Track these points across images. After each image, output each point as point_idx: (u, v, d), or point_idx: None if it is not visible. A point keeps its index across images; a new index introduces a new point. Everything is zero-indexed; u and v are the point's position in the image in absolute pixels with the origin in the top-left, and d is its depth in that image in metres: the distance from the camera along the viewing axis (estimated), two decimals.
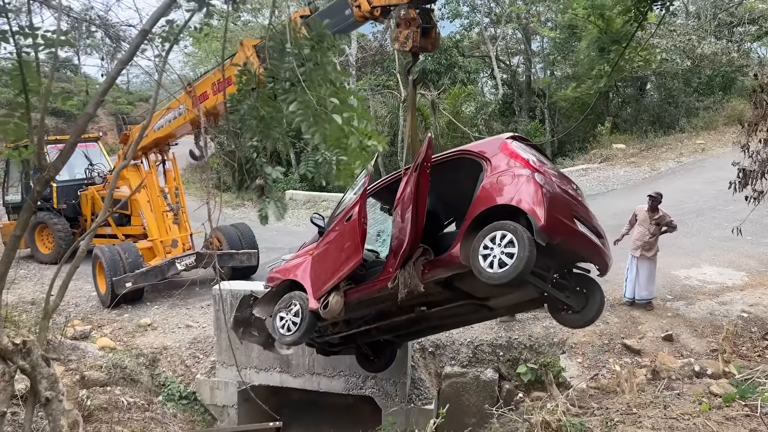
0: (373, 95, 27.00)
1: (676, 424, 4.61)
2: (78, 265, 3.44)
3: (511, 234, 4.94)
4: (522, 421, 4.92)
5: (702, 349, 8.33)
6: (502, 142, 5.72)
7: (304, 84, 3.19)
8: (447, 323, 7.31)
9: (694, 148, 21.42)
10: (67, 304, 11.51)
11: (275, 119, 3.68)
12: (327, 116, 3.19)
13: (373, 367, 8.14)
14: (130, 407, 7.16)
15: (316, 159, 4.20)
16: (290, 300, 6.67)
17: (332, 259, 6.25)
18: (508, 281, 4.92)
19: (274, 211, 4.72)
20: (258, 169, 4.49)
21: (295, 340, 6.61)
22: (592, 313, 5.86)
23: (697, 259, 11.36)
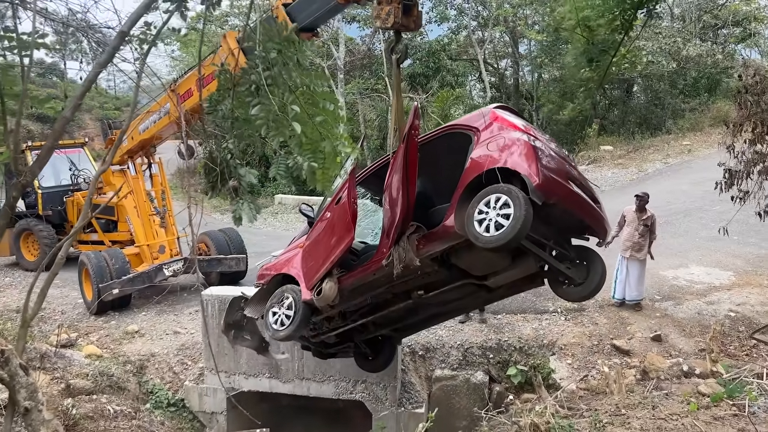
0: (362, 99, 27.00)
1: (664, 424, 4.61)
2: (57, 272, 3.38)
3: (505, 195, 4.90)
4: (511, 424, 4.90)
5: (690, 349, 8.36)
6: (490, 111, 5.73)
7: (269, 88, 3.15)
8: (446, 310, 7.07)
9: (680, 149, 21.59)
10: (53, 311, 11.40)
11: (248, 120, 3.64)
12: (286, 122, 3.15)
13: (373, 366, 7.90)
14: (116, 415, 7.07)
15: (287, 163, 4.15)
16: (282, 294, 6.54)
17: (324, 245, 6.13)
18: (506, 242, 4.83)
19: (248, 212, 4.66)
20: (232, 171, 4.44)
21: (290, 334, 6.41)
22: (594, 283, 5.73)
23: (685, 260, 11.43)
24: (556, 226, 5.55)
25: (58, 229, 14.03)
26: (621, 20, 8.48)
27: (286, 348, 8.66)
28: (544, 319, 9.43)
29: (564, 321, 9.35)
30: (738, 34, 27.41)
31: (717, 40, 27.62)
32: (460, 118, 6.18)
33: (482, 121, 5.60)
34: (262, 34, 3.15)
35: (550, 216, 5.11)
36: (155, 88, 9.83)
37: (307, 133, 3.24)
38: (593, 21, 21.37)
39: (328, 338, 7.24)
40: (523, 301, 10.09)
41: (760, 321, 8.89)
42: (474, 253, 5.44)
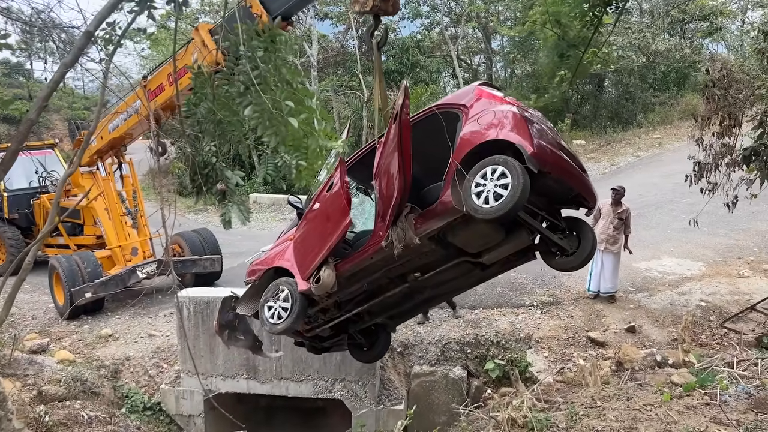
0: (336, 96, 26.89)
1: (638, 415, 4.68)
2: (24, 278, 3.29)
3: (501, 166, 4.98)
4: (489, 418, 4.93)
5: (663, 339, 8.52)
6: (475, 87, 5.82)
7: (259, 87, 3.12)
8: (440, 292, 7.09)
9: (651, 142, 21.95)
10: (23, 317, 11.15)
11: (232, 123, 3.60)
12: (283, 119, 3.13)
13: (369, 356, 7.82)
14: (91, 421, 6.95)
15: (275, 162, 4.13)
16: (277, 287, 6.47)
17: (318, 233, 6.11)
18: (507, 212, 4.91)
19: (238, 215, 4.62)
20: (218, 174, 4.39)
21: (288, 327, 6.33)
22: (586, 252, 5.84)
23: (657, 251, 11.62)
24: (548, 197, 5.68)
25: (25, 233, 13.73)
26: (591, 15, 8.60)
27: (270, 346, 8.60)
28: (520, 313, 9.52)
29: (540, 314, 9.44)
30: (705, 28, 27.90)
31: (685, 35, 28.08)
32: (445, 98, 6.23)
33: (469, 98, 5.69)
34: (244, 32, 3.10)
35: (542, 186, 5.21)
36: (125, 87, 9.68)
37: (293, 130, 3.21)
38: (564, 16, 21.66)
39: (322, 331, 7.16)
40: (500, 296, 10.18)
41: (730, 310, 9.10)
42: (470, 228, 5.52)
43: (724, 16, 27.49)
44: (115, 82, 22.87)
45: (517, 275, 10.99)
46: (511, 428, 4.58)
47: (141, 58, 29.66)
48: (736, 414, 5.04)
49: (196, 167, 4.21)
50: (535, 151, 5.02)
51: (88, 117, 30.68)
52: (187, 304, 8.78)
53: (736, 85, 8.27)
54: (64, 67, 2.93)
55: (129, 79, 5.30)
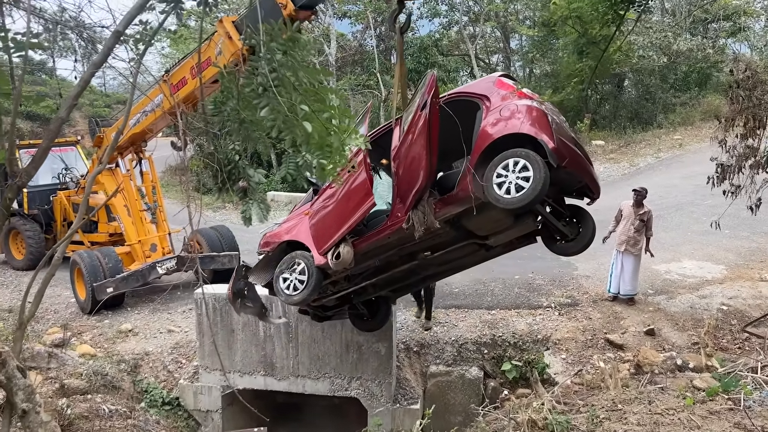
0: (354, 95, 26.92)
1: (661, 419, 4.63)
2: (54, 273, 3.35)
3: (523, 159, 5.17)
4: (508, 420, 4.90)
5: (683, 343, 8.42)
6: (496, 79, 6.00)
7: (276, 89, 3.15)
8: (444, 270, 7.39)
9: (671, 143, 21.69)
10: (46, 311, 11.31)
11: (255, 122, 3.63)
12: (298, 123, 3.15)
13: (369, 326, 8.10)
14: (111, 415, 7.04)
15: (296, 161, 4.15)
16: (293, 260, 6.65)
17: (338, 211, 6.28)
18: (527, 203, 5.14)
19: (257, 212, 4.66)
20: (240, 172, 4.43)
21: (304, 298, 6.58)
22: (586, 238, 6.16)
23: (677, 254, 11.50)
24: (557, 186, 5.86)
25: (45, 229, 13.91)
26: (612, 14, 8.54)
27: (281, 343, 8.67)
28: (537, 315, 9.47)
29: (558, 316, 9.39)
30: (728, 28, 27.50)
31: (707, 35, 27.70)
32: (465, 86, 6.38)
33: (490, 89, 5.85)
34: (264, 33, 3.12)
35: (556, 178, 5.38)
36: (147, 83, 9.77)
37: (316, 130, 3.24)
38: (586, 14, 21.46)
39: (328, 302, 7.42)
40: (517, 297, 10.14)
41: (752, 314, 8.97)
42: (484, 214, 5.72)
43: (748, 16, 27.08)
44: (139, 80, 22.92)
45: (535, 276, 10.95)
46: (531, 430, 4.55)
47: (162, 56, 29.92)
48: (761, 420, 4.96)
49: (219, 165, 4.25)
50: (555, 146, 5.21)
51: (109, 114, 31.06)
52: (206, 301, 8.86)
53: (761, 86, 8.16)
54: (93, 66, 2.97)
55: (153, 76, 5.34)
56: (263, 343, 8.74)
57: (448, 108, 5.94)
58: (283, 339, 8.67)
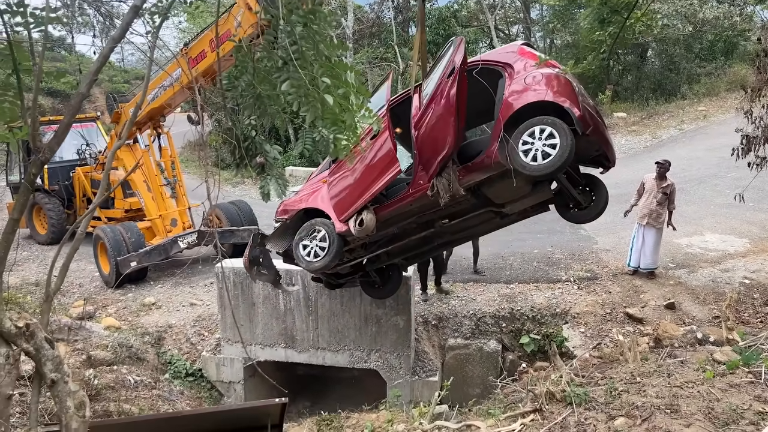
0: (371, 68, 26.71)
1: (680, 392, 4.62)
2: (77, 247, 3.41)
3: (550, 127, 5.20)
4: (526, 392, 4.93)
5: (704, 316, 8.36)
6: (518, 47, 6.02)
7: (297, 62, 3.13)
8: (458, 238, 7.49)
9: (695, 115, 21.25)
10: (71, 284, 11.57)
11: (272, 97, 3.62)
12: (319, 96, 3.14)
13: (381, 293, 8.18)
14: (137, 385, 7.22)
15: (313, 137, 4.15)
16: (312, 227, 6.71)
17: (359, 178, 6.31)
18: (554, 170, 5.23)
19: (276, 188, 4.68)
20: (257, 147, 4.45)
21: (325, 264, 6.65)
22: (600, 206, 6.29)
23: (699, 227, 11.36)
24: (576, 155, 5.84)
25: (65, 204, 14.13)
26: None
27: (301, 316, 8.78)
28: (556, 288, 9.45)
29: (577, 290, 9.36)
30: None
31: (734, 2, 26.87)
32: (486, 54, 6.33)
33: (513, 57, 5.84)
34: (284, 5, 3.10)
35: (579, 146, 5.39)
36: (165, 59, 9.77)
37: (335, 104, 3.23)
38: None
39: (342, 269, 7.48)
40: (536, 271, 10.12)
41: None
42: (504, 182, 5.81)
43: None
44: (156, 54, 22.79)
45: (554, 250, 10.91)
46: (549, 402, 4.58)
47: (179, 31, 29.86)
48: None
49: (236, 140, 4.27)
50: (581, 114, 5.23)
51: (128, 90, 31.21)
52: (227, 275, 8.98)
53: None
54: (112, 41, 2.98)
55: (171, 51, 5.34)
56: (284, 316, 8.86)
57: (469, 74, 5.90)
58: (303, 312, 8.77)
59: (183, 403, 7.55)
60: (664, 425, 4.19)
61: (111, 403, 6.18)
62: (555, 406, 4.56)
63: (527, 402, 4.70)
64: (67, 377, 2.85)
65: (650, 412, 4.42)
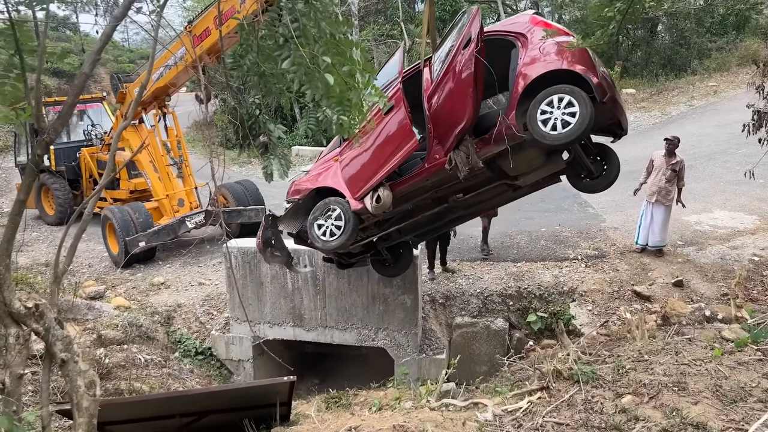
0: (377, 45, 26.43)
1: (688, 369, 4.62)
2: (85, 228, 3.42)
3: (568, 95, 5.20)
4: (533, 370, 4.95)
5: (712, 294, 8.33)
6: (530, 17, 6.01)
7: (298, 40, 3.08)
8: (471, 212, 7.50)
9: (706, 90, 20.96)
10: (80, 264, 11.66)
11: (276, 75, 3.58)
12: (320, 75, 3.09)
13: (392, 271, 8.19)
14: (147, 364, 7.30)
15: (316, 116, 4.10)
16: (326, 206, 6.67)
17: (374, 154, 6.28)
18: (575, 138, 5.27)
19: (278, 168, 4.66)
20: (261, 126, 4.42)
21: (342, 243, 6.63)
22: (612, 175, 6.36)
23: (709, 204, 11.27)
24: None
25: (72, 185, 14.18)
26: None
27: (309, 295, 8.83)
28: (564, 267, 9.43)
29: (584, 268, 9.34)
30: None
31: None
32: (498, 24, 6.32)
33: (525, 27, 5.80)
34: None
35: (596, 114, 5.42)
36: (169, 37, 9.70)
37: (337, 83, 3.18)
38: None
39: (354, 248, 7.45)
40: (543, 249, 10.10)
41: None
42: (521, 153, 5.88)
43: None
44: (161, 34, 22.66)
45: (562, 228, 10.87)
46: (556, 380, 4.59)
47: (183, 9, 29.65)
48: None
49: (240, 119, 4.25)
50: (599, 81, 5.22)
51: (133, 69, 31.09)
52: (235, 254, 9.01)
53: None
54: (114, 20, 2.95)
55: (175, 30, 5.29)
56: (291, 295, 8.90)
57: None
58: (310, 291, 8.81)
59: (193, 381, 7.65)
60: (672, 403, 4.20)
61: (122, 382, 6.26)
62: (562, 383, 4.57)
63: (534, 380, 4.72)
64: (77, 357, 2.88)
65: (658, 389, 4.43)
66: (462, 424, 4.21)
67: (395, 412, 4.87)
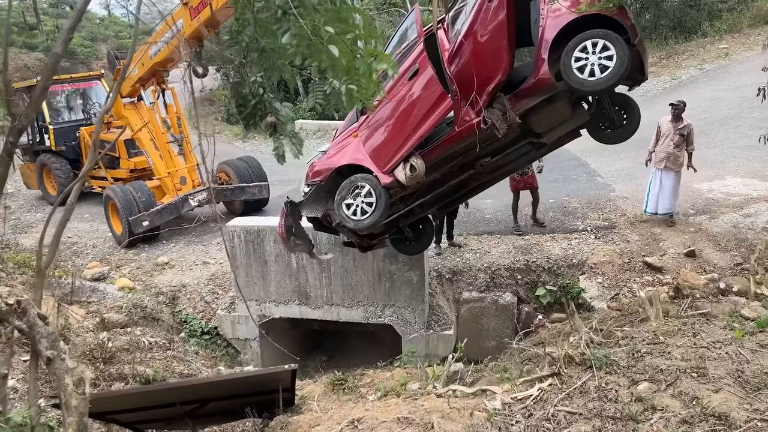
0: (379, 14, 25.89)
1: (707, 353, 4.44)
2: (68, 218, 3.27)
3: (602, 39, 5.16)
4: (544, 355, 4.79)
5: (726, 264, 8.14)
6: None
7: (297, 11, 2.86)
8: (494, 177, 7.32)
9: (717, 53, 20.42)
10: (85, 245, 11.60)
11: (277, 50, 3.37)
12: (323, 47, 2.88)
13: (414, 249, 8.01)
14: (151, 347, 7.24)
15: (324, 90, 3.89)
16: (353, 184, 6.42)
17: (400, 123, 6.10)
18: (615, 83, 5.25)
19: (291, 148, 4.48)
20: (267, 107, 4.23)
21: (375, 221, 6.45)
22: (634, 125, 6.35)
23: (721, 171, 11.00)
24: None
25: (73, 164, 14.04)
26: None
27: (314, 273, 8.72)
28: (573, 239, 9.25)
29: (594, 239, 9.16)
30: None
31: None
32: None
33: None
34: None
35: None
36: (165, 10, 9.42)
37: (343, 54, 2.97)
38: None
39: (377, 228, 7.20)
40: (552, 221, 9.91)
41: None
42: (550, 107, 5.90)
43: None
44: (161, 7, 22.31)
45: (570, 199, 10.67)
46: (568, 366, 4.44)
47: None
48: None
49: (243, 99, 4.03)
50: (631, 23, 5.20)
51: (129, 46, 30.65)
52: (237, 233, 8.89)
53: None
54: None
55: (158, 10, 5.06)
56: (296, 273, 8.79)
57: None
58: (315, 269, 8.70)
59: (198, 363, 7.59)
60: (691, 390, 4.03)
61: (125, 366, 6.19)
62: (574, 369, 4.41)
63: (545, 365, 4.56)
64: (63, 354, 2.75)
65: (676, 376, 4.24)
66: (470, 415, 4.07)
67: (400, 400, 4.73)
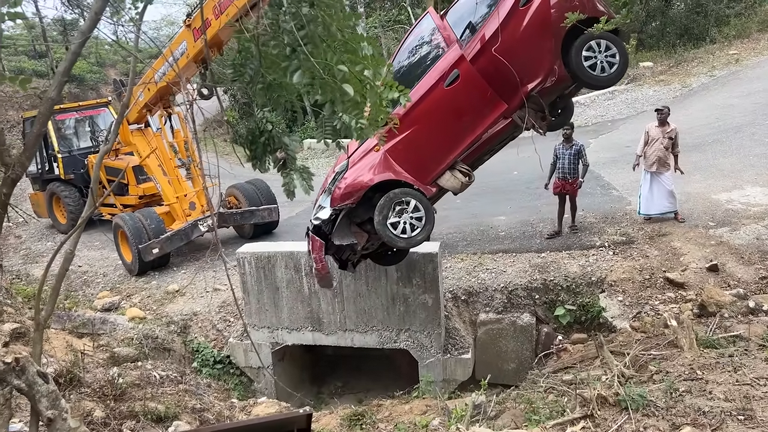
0: (384, 32, 25.91)
1: (752, 392, 4.18)
2: (68, 267, 3.13)
3: (605, 40, 5.93)
4: (574, 396, 4.53)
5: (750, 278, 7.87)
6: None
7: (307, 48, 2.72)
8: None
9: (727, 59, 20.18)
10: (95, 274, 11.51)
11: (284, 85, 3.24)
12: (337, 85, 2.74)
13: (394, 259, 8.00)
14: (163, 381, 7.07)
15: (333, 125, 3.77)
16: (392, 201, 6.22)
17: (443, 131, 6.24)
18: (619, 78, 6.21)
19: (301, 183, 4.38)
20: (276, 141, 4.13)
21: (426, 235, 6.45)
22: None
23: (739, 180, 10.72)
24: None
25: (82, 192, 14.01)
26: None
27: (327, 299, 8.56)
28: (590, 255, 9.02)
29: (612, 255, 8.92)
30: None
31: None
32: None
33: None
34: None
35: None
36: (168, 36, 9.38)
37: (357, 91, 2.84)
38: None
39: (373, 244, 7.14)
40: (568, 237, 9.69)
41: None
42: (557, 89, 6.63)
43: None
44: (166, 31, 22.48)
45: (585, 214, 10.44)
46: (601, 407, 4.20)
47: (188, 6, 29.32)
48: None
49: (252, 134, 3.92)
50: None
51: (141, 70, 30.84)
52: (248, 260, 8.76)
53: None
54: (82, 35, 2.62)
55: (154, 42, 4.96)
56: (309, 299, 8.62)
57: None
58: (328, 295, 8.52)
59: (211, 396, 7.40)
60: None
61: (136, 403, 6.01)
62: (608, 411, 4.16)
63: (576, 407, 4.32)
64: (65, 413, 2.59)
65: (720, 419, 3.93)
66: None
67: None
